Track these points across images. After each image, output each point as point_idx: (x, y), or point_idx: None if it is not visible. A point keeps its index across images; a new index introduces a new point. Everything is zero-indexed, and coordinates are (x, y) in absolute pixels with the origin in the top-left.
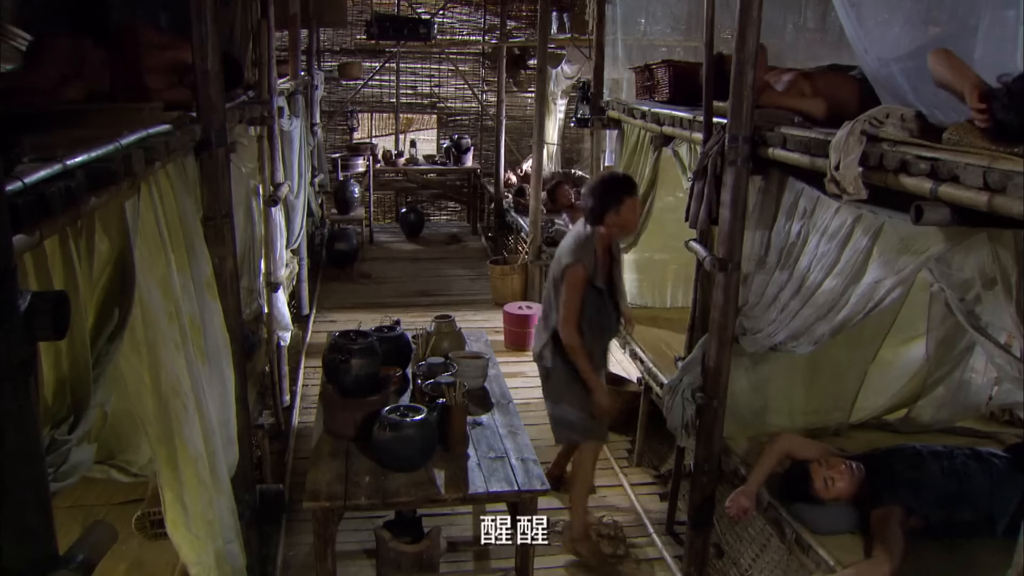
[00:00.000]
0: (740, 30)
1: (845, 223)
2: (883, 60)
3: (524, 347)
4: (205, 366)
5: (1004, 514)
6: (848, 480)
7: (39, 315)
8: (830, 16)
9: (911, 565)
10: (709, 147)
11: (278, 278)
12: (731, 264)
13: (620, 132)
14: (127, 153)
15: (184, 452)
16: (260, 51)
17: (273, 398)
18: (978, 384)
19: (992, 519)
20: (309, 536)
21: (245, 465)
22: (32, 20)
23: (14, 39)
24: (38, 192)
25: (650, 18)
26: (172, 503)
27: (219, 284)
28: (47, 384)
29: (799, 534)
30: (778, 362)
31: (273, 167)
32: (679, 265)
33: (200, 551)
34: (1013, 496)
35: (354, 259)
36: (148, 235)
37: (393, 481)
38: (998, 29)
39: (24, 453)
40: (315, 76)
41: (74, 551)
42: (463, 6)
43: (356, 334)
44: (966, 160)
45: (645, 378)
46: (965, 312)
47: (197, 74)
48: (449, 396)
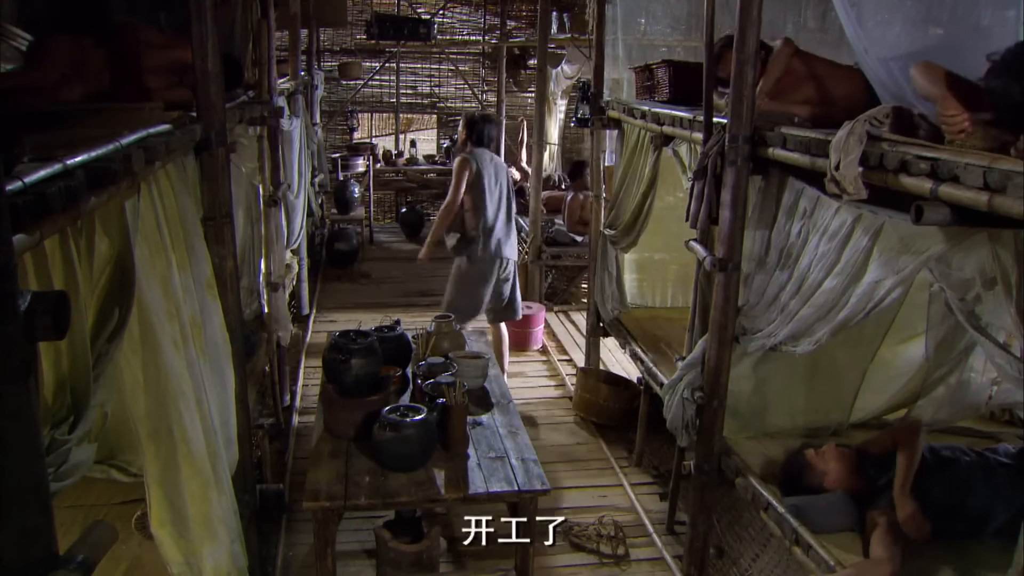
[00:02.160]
0: (740, 30)
1: (845, 223)
2: (883, 60)
3: (524, 347)
4: (206, 366)
5: (1003, 515)
6: (837, 460)
7: (39, 315)
8: (830, 16)
9: (911, 565)
10: (709, 147)
11: (278, 278)
12: (731, 264)
13: (620, 132)
14: (127, 153)
15: (184, 451)
16: (260, 51)
17: (273, 398)
18: (978, 384)
19: (991, 520)
20: (309, 536)
21: (245, 465)
22: (32, 20)
23: (14, 39)
24: (38, 192)
25: (650, 18)
26: (159, 501)
27: (219, 284)
28: (47, 384)
29: (799, 534)
30: (778, 362)
31: (273, 167)
32: (679, 265)
33: (186, 551)
34: (1014, 499)
35: (354, 259)
36: (148, 235)
37: (393, 481)
38: (998, 29)
39: (24, 453)
40: (315, 76)
41: (74, 551)
42: (463, 6)
43: (356, 334)
44: (966, 160)
45: (645, 378)
46: (965, 312)
47: (197, 74)
48: (449, 396)
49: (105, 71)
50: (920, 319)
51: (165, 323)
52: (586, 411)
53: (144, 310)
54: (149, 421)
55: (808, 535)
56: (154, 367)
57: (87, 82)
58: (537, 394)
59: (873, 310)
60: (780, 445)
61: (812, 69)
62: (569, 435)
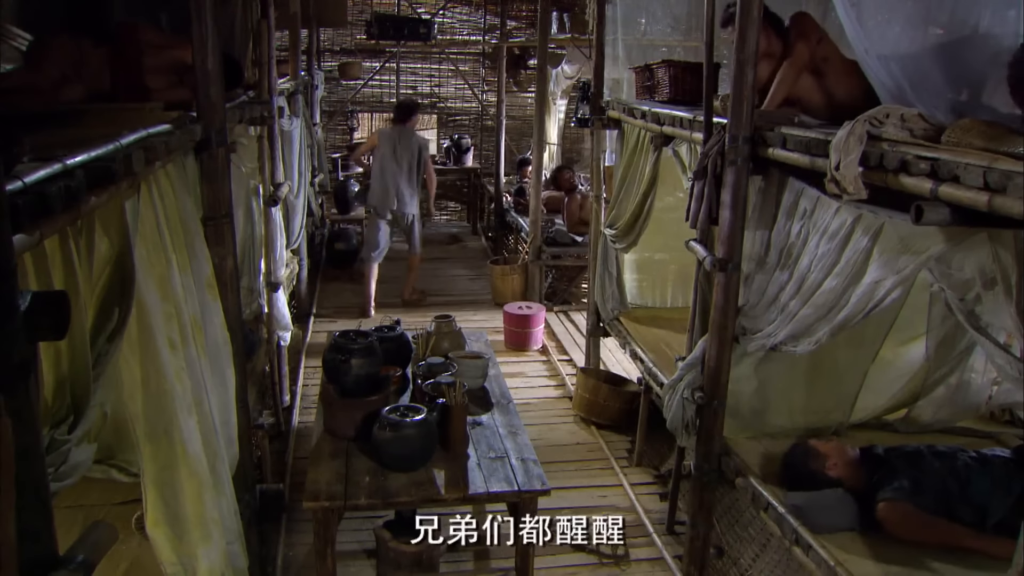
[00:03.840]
0: (740, 30)
1: (845, 223)
2: (883, 60)
3: (524, 347)
4: (206, 366)
5: (999, 512)
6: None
7: (39, 315)
8: (830, 16)
9: (910, 564)
10: (709, 147)
11: (278, 278)
12: (731, 264)
13: (620, 132)
14: (127, 153)
15: (181, 452)
16: (260, 51)
17: (273, 398)
18: (978, 384)
19: (987, 517)
20: (309, 536)
21: (245, 465)
22: (32, 20)
23: (14, 39)
24: (38, 192)
25: (650, 18)
26: (154, 501)
27: (219, 284)
28: (47, 384)
29: (799, 534)
30: (778, 362)
31: (273, 167)
32: (679, 265)
33: (181, 552)
34: (1009, 496)
35: (354, 259)
36: (148, 235)
37: (393, 481)
38: (998, 29)
39: (24, 453)
40: (315, 76)
41: (74, 551)
42: (463, 6)
43: (356, 334)
44: (966, 160)
45: (645, 378)
46: (965, 312)
47: (197, 74)
48: (449, 396)
49: (105, 71)
50: (921, 320)
51: (163, 323)
52: (586, 411)
53: (143, 310)
54: (146, 421)
55: (808, 535)
56: (152, 367)
57: (87, 82)
58: (537, 394)
59: (873, 310)
60: (780, 445)
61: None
62: (569, 435)
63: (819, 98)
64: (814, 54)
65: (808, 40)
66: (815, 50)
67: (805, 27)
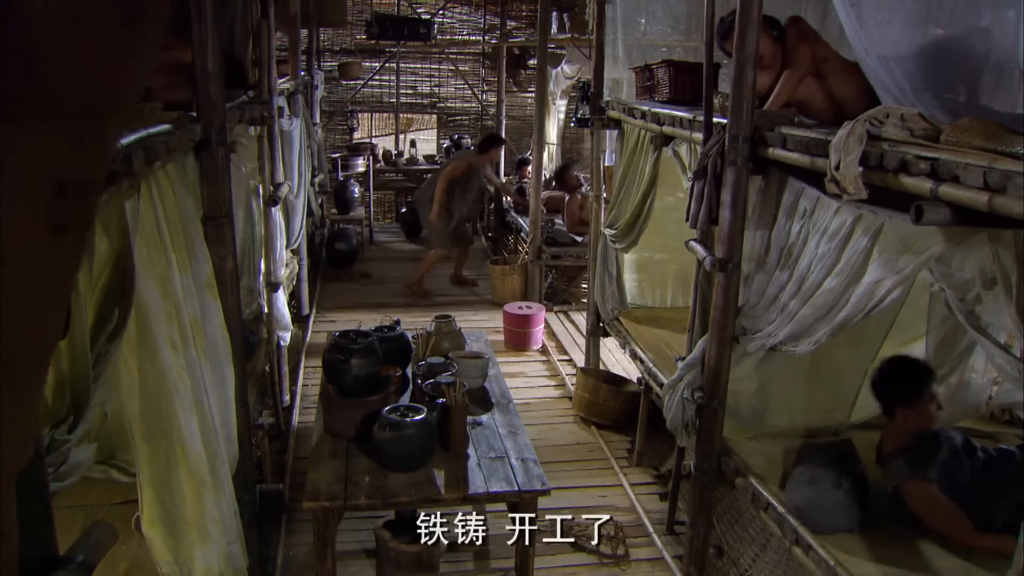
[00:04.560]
0: (740, 30)
1: (845, 223)
2: (883, 60)
3: (524, 347)
4: (206, 366)
5: (1001, 512)
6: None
7: None
8: (830, 16)
9: (911, 564)
10: (709, 147)
11: (278, 278)
12: (731, 264)
13: (620, 132)
14: (127, 153)
15: (179, 453)
16: (260, 51)
17: (273, 398)
18: (978, 384)
19: (991, 516)
20: (309, 536)
21: (245, 465)
22: None
23: None
24: None
25: (650, 18)
26: (150, 501)
27: (219, 284)
28: (47, 384)
29: (799, 534)
30: (778, 362)
31: (273, 167)
32: (679, 265)
33: (176, 552)
34: (1012, 494)
35: (354, 259)
36: (148, 235)
37: (393, 481)
38: (998, 29)
39: None
40: (315, 76)
41: (74, 551)
42: (463, 6)
43: (356, 334)
44: (966, 160)
45: (645, 378)
46: (965, 312)
47: (197, 74)
48: (449, 396)
49: None
50: (921, 320)
51: (163, 323)
52: (586, 411)
53: (142, 310)
54: (144, 422)
55: (808, 535)
56: (151, 367)
57: None
58: (537, 394)
59: (873, 310)
60: (780, 445)
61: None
62: (569, 435)
63: (822, 100)
64: (815, 56)
65: (808, 42)
66: (815, 52)
67: (803, 30)
